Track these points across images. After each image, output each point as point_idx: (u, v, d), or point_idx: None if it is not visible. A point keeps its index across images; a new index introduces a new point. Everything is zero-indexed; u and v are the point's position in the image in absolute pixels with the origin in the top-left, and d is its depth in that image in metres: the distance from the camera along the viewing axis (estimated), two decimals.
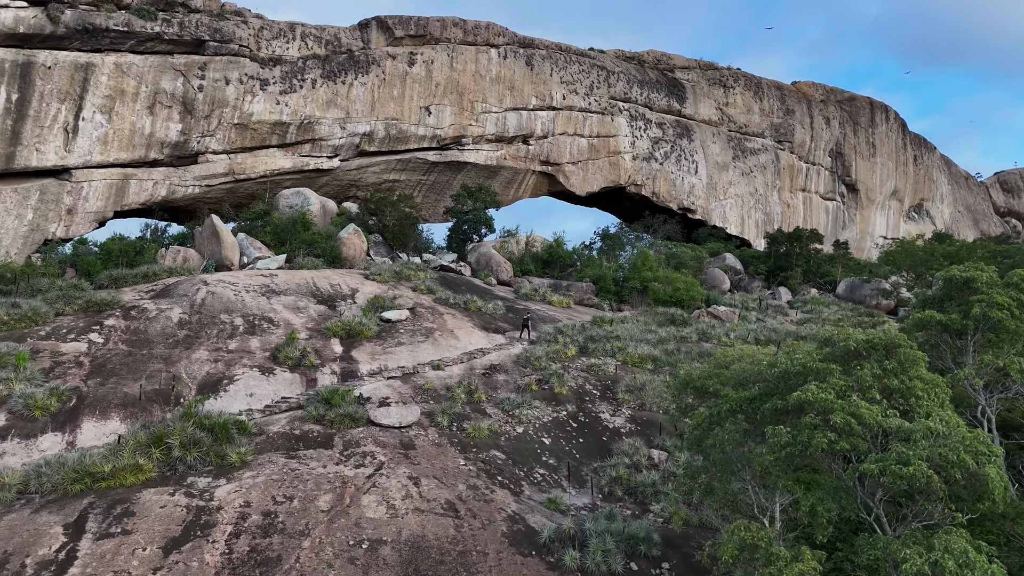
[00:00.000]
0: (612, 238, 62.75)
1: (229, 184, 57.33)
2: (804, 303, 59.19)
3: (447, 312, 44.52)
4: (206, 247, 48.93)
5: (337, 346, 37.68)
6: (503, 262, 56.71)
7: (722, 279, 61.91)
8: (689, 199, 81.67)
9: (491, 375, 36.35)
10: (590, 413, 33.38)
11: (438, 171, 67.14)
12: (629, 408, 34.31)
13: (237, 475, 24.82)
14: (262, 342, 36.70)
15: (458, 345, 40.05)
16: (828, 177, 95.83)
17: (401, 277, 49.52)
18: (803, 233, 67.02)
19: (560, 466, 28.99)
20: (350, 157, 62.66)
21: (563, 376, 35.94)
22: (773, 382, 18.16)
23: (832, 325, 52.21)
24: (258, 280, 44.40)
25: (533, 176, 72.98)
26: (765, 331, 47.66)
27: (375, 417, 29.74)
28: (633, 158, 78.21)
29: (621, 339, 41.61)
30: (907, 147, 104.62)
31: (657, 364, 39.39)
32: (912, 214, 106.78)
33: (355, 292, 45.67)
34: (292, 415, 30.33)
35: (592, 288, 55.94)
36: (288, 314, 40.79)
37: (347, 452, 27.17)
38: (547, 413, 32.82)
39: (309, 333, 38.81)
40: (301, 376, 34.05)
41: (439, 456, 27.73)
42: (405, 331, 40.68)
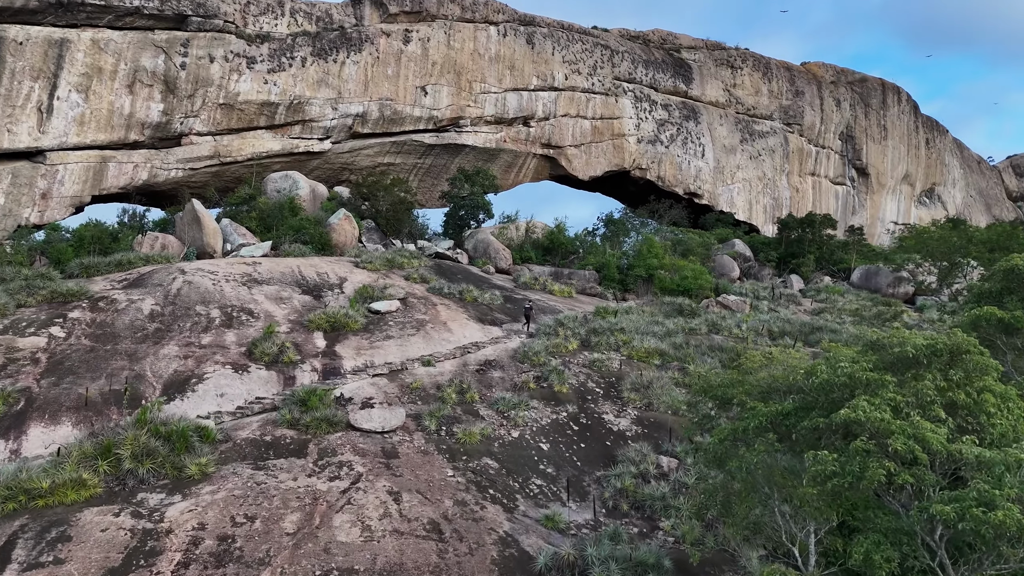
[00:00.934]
0: (616, 224, 59.51)
1: (215, 167, 54.13)
2: (817, 291, 55.93)
3: (441, 303, 41.40)
4: (187, 234, 45.82)
5: (320, 340, 34.61)
6: (502, 249, 53.53)
7: (731, 267, 58.64)
8: (696, 183, 78.28)
9: (486, 372, 33.28)
10: (592, 414, 30.30)
11: (435, 154, 63.83)
12: (635, 408, 31.22)
13: (195, 490, 21.80)
14: (239, 336, 33.65)
15: (451, 339, 36.96)
16: (838, 161, 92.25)
17: (393, 265, 46.38)
18: (816, 218, 63.65)
19: (559, 475, 25.93)
20: (342, 139, 59.37)
21: (563, 373, 32.86)
22: (812, 395, 15.01)
23: (849, 315, 49.08)
24: (240, 268, 41.30)
25: (534, 159, 69.64)
26: (778, 322, 44.52)
27: (355, 421, 26.70)
28: (638, 141, 74.79)
29: (626, 332, 38.49)
30: (919, 130, 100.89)
31: (665, 359, 36.28)
32: (923, 199, 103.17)
33: (343, 281, 42.56)
34: (265, 418, 27.29)
35: (595, 276, 52.76)
36: (270, 305, 37.72)
37: (322, 462, 24.13)
38: (546, 415, 29.75)
39: (291, 326, 35.74)
40: (278, 374, 31.00)
41: (424, 466, 24.69)
42: (395, 323, 37.59)
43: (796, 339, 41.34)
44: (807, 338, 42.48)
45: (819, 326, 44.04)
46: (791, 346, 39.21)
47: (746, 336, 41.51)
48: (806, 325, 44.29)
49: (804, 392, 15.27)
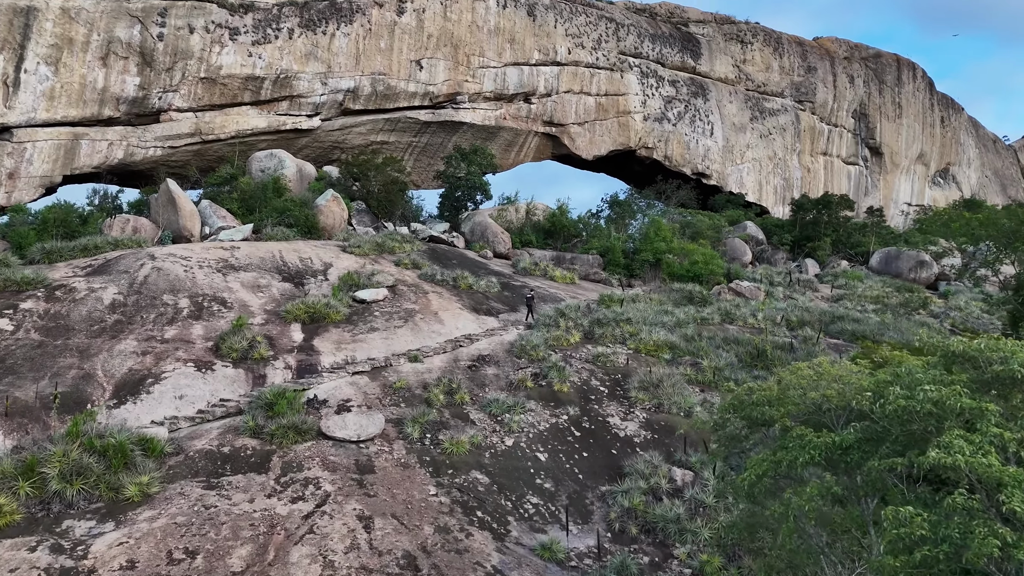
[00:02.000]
0: (621, 205, 55.75)
1: (196, 146, 50.43)
2: (835, 277, 52.22)
3: (433, 291, 37.89)
4: (162, 216, 42.30)
5: (297, 333, 31.16)
6: (500, 232, 49.90)
7: (743, 250, 54.93)
8: (704, 163, 74.35)
9: (479, 368, 29.80)
10: (596, 417, 26.83)
11: (431, 132, 60.00)
12: (643, 410, 27.75)
13: (131, 517, 18.43)
14: (207, 329, 30.21)
15: (442, 331, 33.49)
16: (851, 140, 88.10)
17: (384, 250, 42.85)
18: (832, 199, 59.76)
19: (558, 492, 22.51)
20: (332, 116, 55.57)
21: (564, 369, 29.37)
22: (881, 423, 11.47)
23: (870, 302, 45.48)
24: (216, 253, 37.82)
25: (535, 138, 65.76)
26: (796, 310, 40.94)
27: (328, 428, 23.28)
28: (644, 118, 70.80)
29: (633, 322, 34.95)
30: (934, 108, 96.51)
31: (675, 353, 32.76)
32: (938, 179, 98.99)
33: (328, 267, 39.06)
34: (227, 424, 23.88)
35: (599, 261, 49.15)
36: (245, 294, 34.27)
37: (285, 479, 20.73)
38: (544, 418, 26.29)
39: (267, 317, 32.30)
40: (247, 372, 27.56)
41: (403, 483, 21.28)
42: (381, 314, 34.11)
43: (818, 329, 37.77)
44: (827, 328, 38.93)
45: (840, 315, 40.46)
46: (813, 339, 35.68)
47: (763, 326, 37.98)
48: (826, 314, 40.70)
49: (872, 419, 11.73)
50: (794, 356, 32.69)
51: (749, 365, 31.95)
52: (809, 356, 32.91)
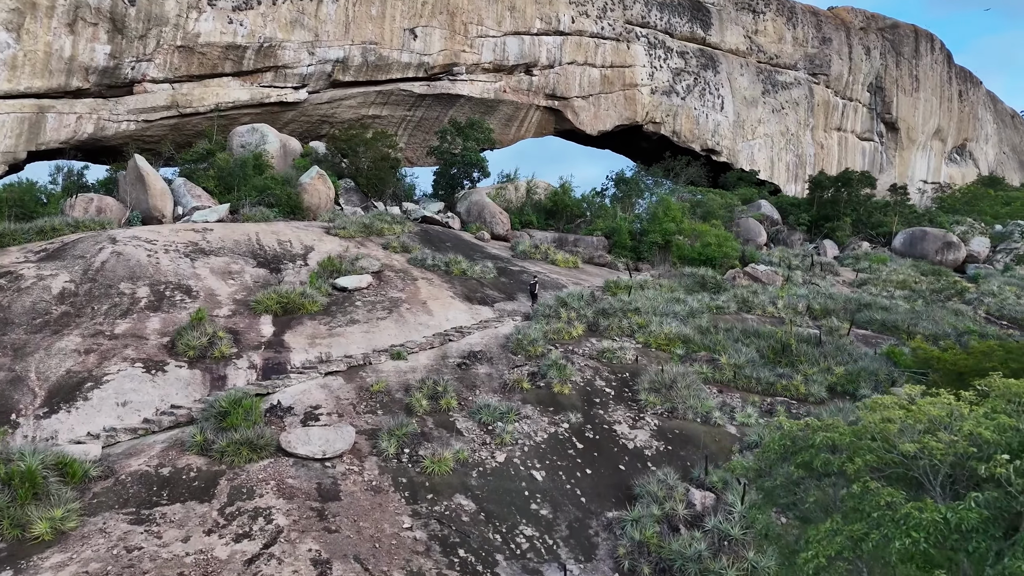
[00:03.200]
0: (628, 183, 51.78)
1: (173, 119, 46.54)
2: (856, 259, 48.34)
3: (422, 277, 34.21)
4: (130, 195, 38.58)
5: (267, 326, 27.55)
6: (498, 212, 46.07)
7: (757, 231, 51.02)
8: (714, 139, 70.14)
9: (469, 367, 26.16)
10: (602, 425, 23.22)
11: (426, 106, 55.95)
12: (655, 415, 24.12)
13: (35, 564, 14.93)
14: (165, 322, 26.61)
15: (431, 323, 29.84)
16: (866, 115, 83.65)
17: (371, 232, 39.11)
18: (852, 175, 55.59)
19: (557, 519, 18.94)
20: (321, 88, 51.55)
21: (565, 368, 25.71)
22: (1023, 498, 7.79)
23: (896, 287, 41.68)
24: (186, 236, 34.15)
25: (537, 112, 61.62)
26: (819, 297, 37.15)
27: (289, 444, 19.71)
28: (651, 92, 66.54)
29: (641, 312, 31.25)
30: (952, 81, 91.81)
31: (689, 347, 29.08)
32: (954, 156, 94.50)
33: (309, 251, 35.39)
34: (173, 438, 20.34)
35: (604, 243, 45.35)
36: (214, 281, 30.64)
37: (231, 509, 17.20)
38: (542, 426, 22.69)
39: (235, 308, 28.69)
40: (204, 373, 23.98)
41: (373, 512, 17.72)
42: (363, 304, 30.47)
43: (843, 319, 34.03)
44: (854, 316, 35.20)
45: (867, 302, 36.69)
46: (841, 331, 31.93)
47: (784, 316, 34.26)
48: (852, 301, 36.93)
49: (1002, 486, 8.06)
50: (821, 351, 29.02)
51: (772, 361, 28.26)
52: (838, 350, 29.26)
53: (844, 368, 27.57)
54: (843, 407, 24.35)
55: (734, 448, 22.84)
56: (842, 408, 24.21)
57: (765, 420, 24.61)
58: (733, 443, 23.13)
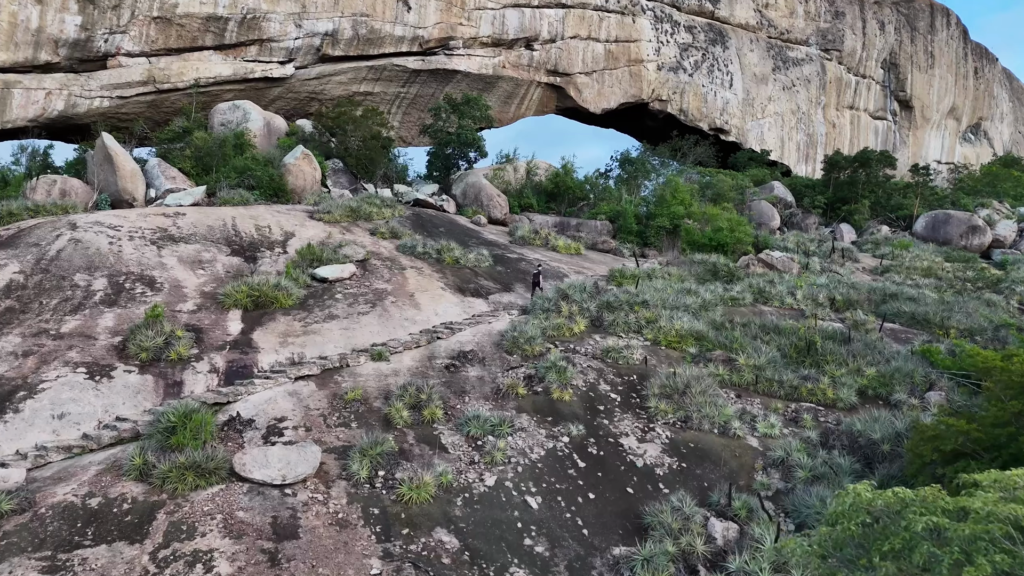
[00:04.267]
0: (634, 164, 48.45)
1: (150, 96, 43.36)
2: (876, 244, 45.11)
3: (411, 266, 31.18)
4: (98, 177, 35.49)
5: (234, 323, 24.57)
6: (496, 195, 42.89)
7: (771, 214, 47.75)
8: (722, 118, 66.63)
9: (458, 369, 23.18)
10: (607, 438, 20.24)
11: (420, 82, 52.59)
12: (666, 425, 21.13)
13: None
14: (120, 319, 23.65)
15: (418, 317, 26.83)
16: (879, 92, 79.90)
17: (358, 216, 36.03)
18: (871, 155, 52.12)
19: (555, 558, 16.02)
20: (309, 63, 48.24)
21: (566, 370, 22.69)
22: None
23: (921, 275, 38.51)
24: (154, 221, 31.14)
25: (538, 89, 58.19)
26: (840, 287, 34.00)
27: (243, 467, 16.77)
28: (658, 68, 62.98)
29: (650, 305, 28.15)
30: (968, 58, 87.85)
31: (703, 345, 26.03)
32: (968, 135, 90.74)
33: (289, 237, 32.37)
34: (111, 459, 17.42)
35: (608, 228, 42.21)
36: (181, 271, 27.65)
37: (165, 553, 14.29)
38: (539, 440, 19.72)
39: (201, 301, 25.71)
40: (157, 379, 21.03)
41: (336, 554, 14.80)
42: (344, 296, 27.47)
43: (869, 311, 30.96)
44: (879, 309, 32.12)
45: (892, 292, 33.55)
46: (868, 325, 28.84)
47: (804, 308, 31.18)
48: (876, 291, 33.79)
49: None
50: (849, 349, 25.92)
51: (795, 361, 25.21)
52: (868, 348, 26.17)
53: (876, 369, 24.52)
54: (878, 416, 21.33)
55: (757, 465, 19.89)
56: (877, 417, 21.18)
57: (790, 430, 21.65)
58: (755, 458, 20.17)
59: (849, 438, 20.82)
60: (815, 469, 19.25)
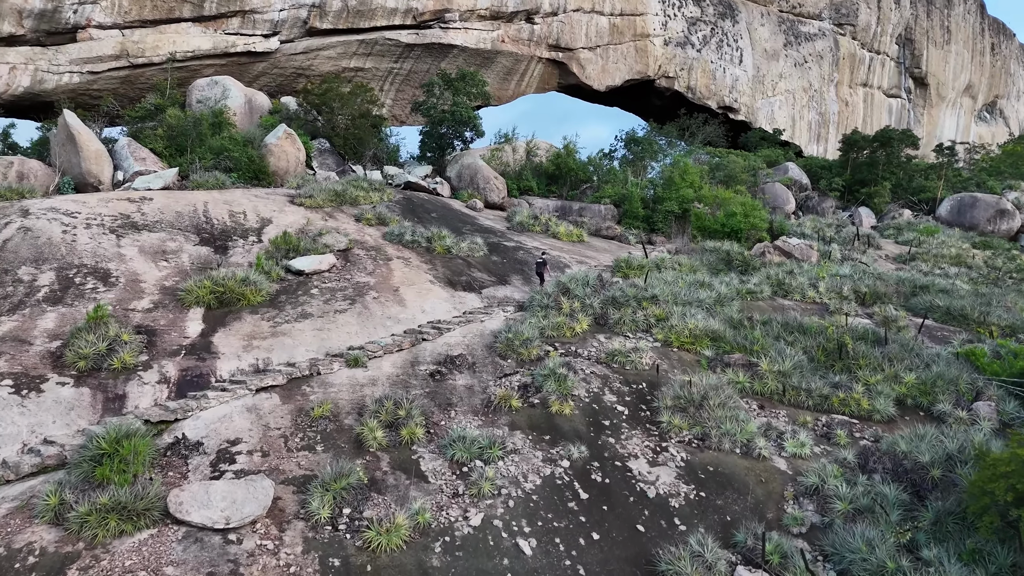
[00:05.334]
0: (640, 143, 45.17)
1: (123, 71, 40.12)
2: (898, 230, 41.91)
3: (398, 256, 28.18)
4: (60, 158, 32.41)
5: (194, 323, 21.63)
6: (493, 177, 39.73)
7: (785, 198, 44.52)
8: (731, 95, 63.13)
9: (444, 377, 20.24)
10: (613, 461, 17.33)
11: (415, 57, 49.20)
12: (681, 444, 18.22)
13: None
14: (62, 319, 20.72)
15: (402, 315, 23.86)
16: (893, 69, 76.15)
17: (343, 200, 33.00)
18: (892, 134, 48.69)
19: None
20: (295, 37, 44.89)
21: (566, 379, 19.74)
22: None
23: (950, 263, 35.40)
24: (117, 207, 28.15)
25: (539, 65, 54.73)
26: (866, 278, 30.91)
27: (179, 507, 13.89)
28: (664, 43, 59.42)
29: (660, 301, 25.16)
30: (985, 33, 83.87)
31: (720, 346, 23.06)
32: (984, 114, 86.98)
33: (266, 225, 29.36)
34: (28, 493, 14.55)
35: (613, 212, 39.10)
36: (141, 263, 24.69)
37: None
38: (534, 465, 16.82)
39: (159, 298, 22.77)
40: (96, 392, 18.11)
41: None
42: (321, 291, 24.50)
43: (898, 306, 27.93)
44: (909, 302, 29.09)
45: (923, 283, 30.48)
46: (900, 322, 25.82)
47: (827, 302, 28.15)
48: (904, 282, 30.71)
49: None
50: (883, 351, 22.90)
51: (824, 365, 22.26)
52: (904, 350, 23.12)
53: (915, 375, 21.53)
54: (923, 433, 18.36)
55: (787, 493, 16.99)
56: (923, 435, 18.21)
57: (822, 448, 18.73)
58: (785, 484, 17.27)
59: (892, 460, 17.87)
60: (856, 500, 16.35)
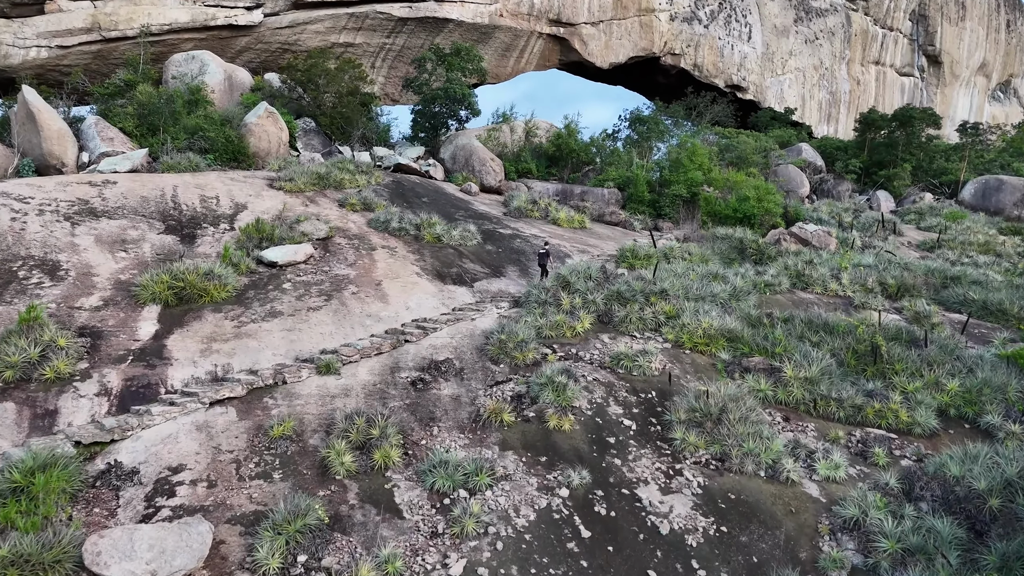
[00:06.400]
0: (646, 123, 42.29)
1: (95, 45, 37.27)
2: (920, 214, 39.11)
3: (383, 245, 25.54)
4: (20, 138, 29.67)
5: (147, 323, 19.05)
6: (489, 159, 36.94)
7: (799, 180, 41.69)
8: (740, 74, 60.03)
9: (428, 386, 17.67)
10: (619, 489, 14.80)
11: (408, 32, 46.18)
12: (697, 466, 15.68)
13: None
14: None
15: (384, 313, 21.26)
16: (906, 47, 72.86)
17: (327, 184, 30.29)
18: (913, 112, 45.67)
19: None
20: (280, 9, 41.91)
21: (566, 388, 17.16)
22: None
23: (978, 251, 32.66)
24: (76, 192, 25.50)
25: (539, 41, 51.68)
26: (893, 268, 28.20)
27: (95, 559, 11.35)
28: (671, 18, 56.25)
29: (670, 295, 22.50)
30: (1000, 9, 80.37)
31: (737, 348, 20.44)
32: (997, 93, 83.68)
33: (240, 211, 26.70)
34: None
35: (617, 197, 36.36)
36: (97, 254, 22.09)
37: None
38: (528, 496, 14.29)
39: (111, 294, 20.19)
40: (21, 407, 15.55)
41: None
42: (294, 286, 21.88)
43: (929, 300, 25.26)
44: (939, 295, 26.42)
45: (954, 275, 27.76)
46: (934, 318, 23.18)
47: (851, 295, 25.50)
48: (934, 273, 27.99)
49: None
50: (921, 355, 20.26)
51: (855, 370, 19.66)
52: (945, 353, 20.49)
53: (958, 382, 18.93)
54: (975, 452, 15.80)
55: (822, 527, 14.49)
56: (975, 455, 15.65)
57: (858, 470, 16.19)
58: (819, 515, 14.76)
59: (941, 486, 15.33)
60: (904, 538, 13.84)
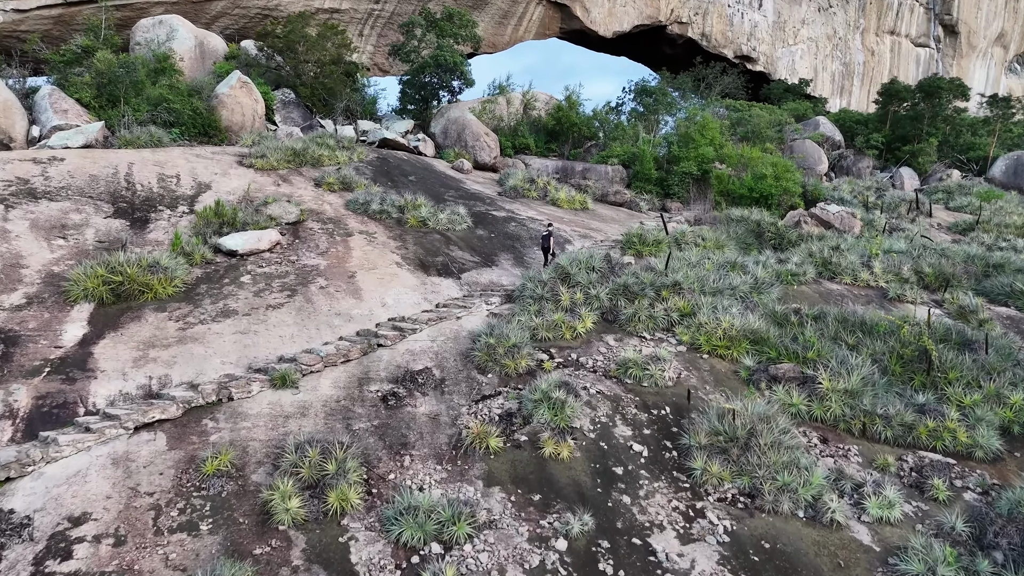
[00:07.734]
0: (652, 95, 38.92)
1: (56, 8, 33.88)
2: (948, 193, 35.89)
3: (361, 230, 22.51)
4: None
5: (75, 325, 16.12)
6: (484, 134, 33.71)
7: (817, 156, 38.41)
8: (750, 43, 56.38)
9: (402, 402, 14.75)
10: (628, 536, 11.92)
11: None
12: (721, 505, 12.81)
13: None
14: None
15: (356, 311, 18.29)
16: (923, 16, 68.93)
17: (304, 161, 27.19)
18: (940, 83, 42.21)
19: None
20: None
21: (564, 405, 14.24)
22: None
23: (1016, 234, 29.54)
24: (18, 170, 22.45)
25: (539, 7, 48.08)
26: (929, 255, 25.11)
27: None
28: None
29: (683, 289, 19.49)
30: None
31: (762, 351, 17.46)
32: (1014, 66, 79.76)
33: (203, 191, 23.63)
34: None
35: (621, 174, 33.18)
36: (30, 242, 19.11)
37: None
38: (518, 551, 11.42)
39: (39, 289, 17.25)
40: None
41: None
42: (253, 279, 18.89)
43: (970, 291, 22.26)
44: (981, 285, 23.39)
45: (996, 262, 24.68)
46: (981, 314, 20.24)
47: (884, 286, 22.49)
48: (974, 259, 24.92)
49: None
50: (976, 359, 17.27)
51: (902, 379, 16.71)
52: (1003, 357, 17.52)
53: (1021, 394, 16.00)
54: None
55: None
56: None
57: (915, 507, 13.33)
58: (873, 570, 11.90)
59: (1020, 532, 12.50)
60: None
